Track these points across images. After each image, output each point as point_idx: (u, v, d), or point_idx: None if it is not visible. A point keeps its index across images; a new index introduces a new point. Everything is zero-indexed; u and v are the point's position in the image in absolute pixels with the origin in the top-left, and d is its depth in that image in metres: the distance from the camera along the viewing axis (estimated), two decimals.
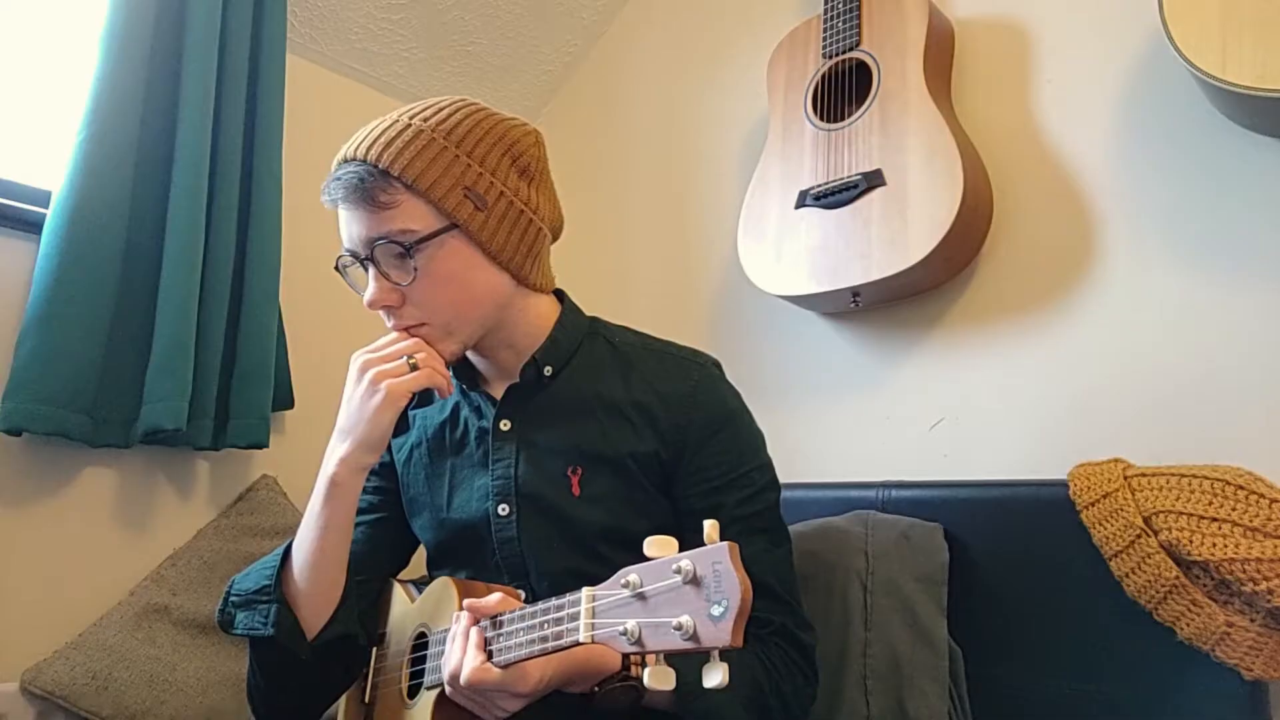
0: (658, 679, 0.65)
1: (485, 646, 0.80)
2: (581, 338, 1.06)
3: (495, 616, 0.81)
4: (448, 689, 0.83)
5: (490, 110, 1.00)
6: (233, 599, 0.99)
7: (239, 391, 1.51)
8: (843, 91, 1.52)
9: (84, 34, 1.43)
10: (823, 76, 1.54)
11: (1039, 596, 1.15)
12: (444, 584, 0.98)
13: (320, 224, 1.79)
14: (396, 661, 1.03)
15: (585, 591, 0.73)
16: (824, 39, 1.55)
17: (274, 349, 1.56)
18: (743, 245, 1.58)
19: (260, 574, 0.99)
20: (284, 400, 1.62)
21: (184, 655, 1.37)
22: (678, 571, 0.64)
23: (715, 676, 0.62)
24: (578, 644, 0.71)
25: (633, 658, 0.82)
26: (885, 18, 1.49)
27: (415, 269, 0.93)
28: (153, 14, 1.45)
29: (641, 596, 0.67)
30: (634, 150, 2.02)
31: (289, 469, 1.66)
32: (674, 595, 0.64)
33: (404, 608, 1.08)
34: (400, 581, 1.15)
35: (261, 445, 1.53)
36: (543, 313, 1.04)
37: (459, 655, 0.81)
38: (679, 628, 0.62)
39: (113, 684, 1.29)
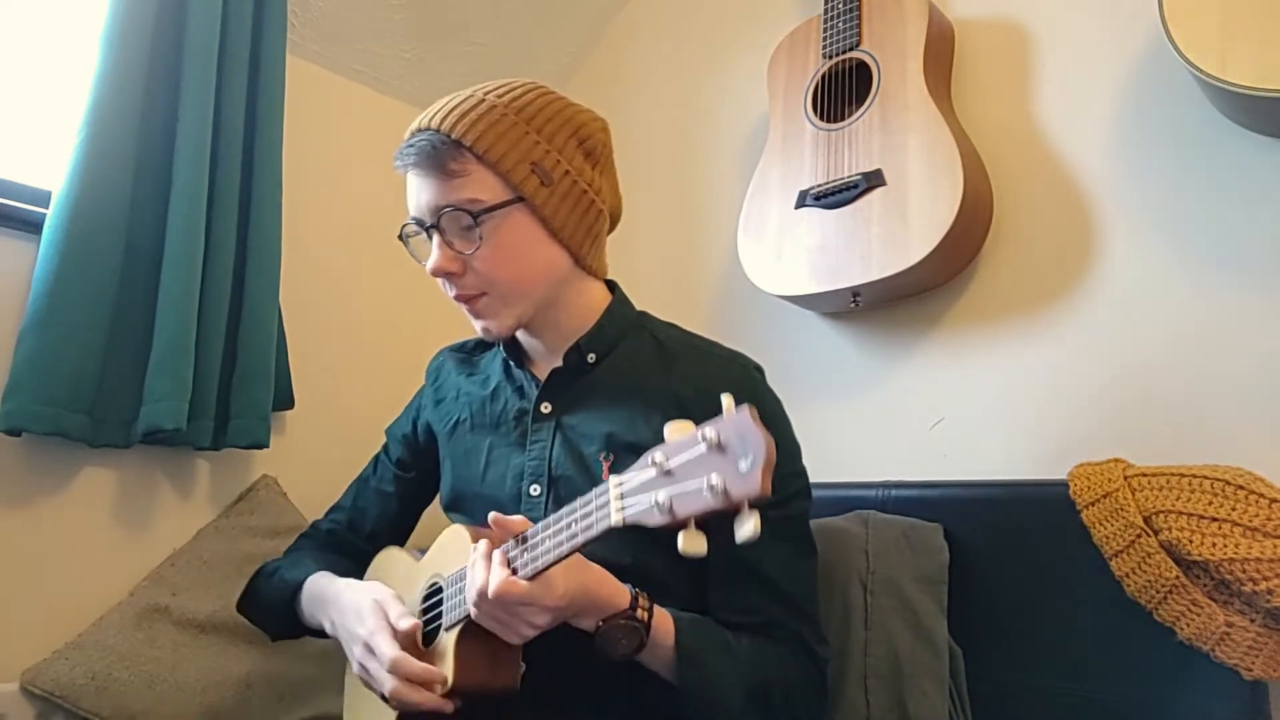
0: (690, 543, 0.67)
1: (509, 565, 0.82)
2: (628, 329, 1.09)
3: (519, 535, 0.84)
4: (473, 611, 0.84)
5: (562, 96, 1.04)
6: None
7: (239, 391, 1.51)
8: (843, 91, 1.52)
9: (84, 34, 1.43)
10: (823, 76, 1.54)
11: (1039, 596, 1.15)
12: (455, 531, 0.99)
13: (321, 224, 1.79)
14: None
15: (611, 479, 0.75)
16: (824, 39, 1.55)
17: (274, 349, 1.56)
18: (743, 245, 1.58)
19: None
20: (284, 400, 1.62)
21: (184, 656, 1.37)
22: (703, 439, 0.67)
23: (748, 527, 0.64)
24: (610, 529, 0.73)
25: (640, 604, 0.85)
26: (885, 18, 1.49)
27: (480, 238, 0.96)
28: (153, 14, 1.45)
29: (669, 473, 0.69)
30: (634, 150, 2.02)
31: (289, 469, 1.66)
32: (701, 463, 0.67)
33: (409, 568, 1.09)
34: (399, 549, 1.17)
35: (261, 445, 1.53)
36: (594, 298, 1.08)
37: (484, 573, 0.82)
38: (710, 486, 0.65)
39: (113, 684, 1.29)
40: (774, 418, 1.04)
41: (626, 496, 0.73)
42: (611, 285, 1.12)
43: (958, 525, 1.22)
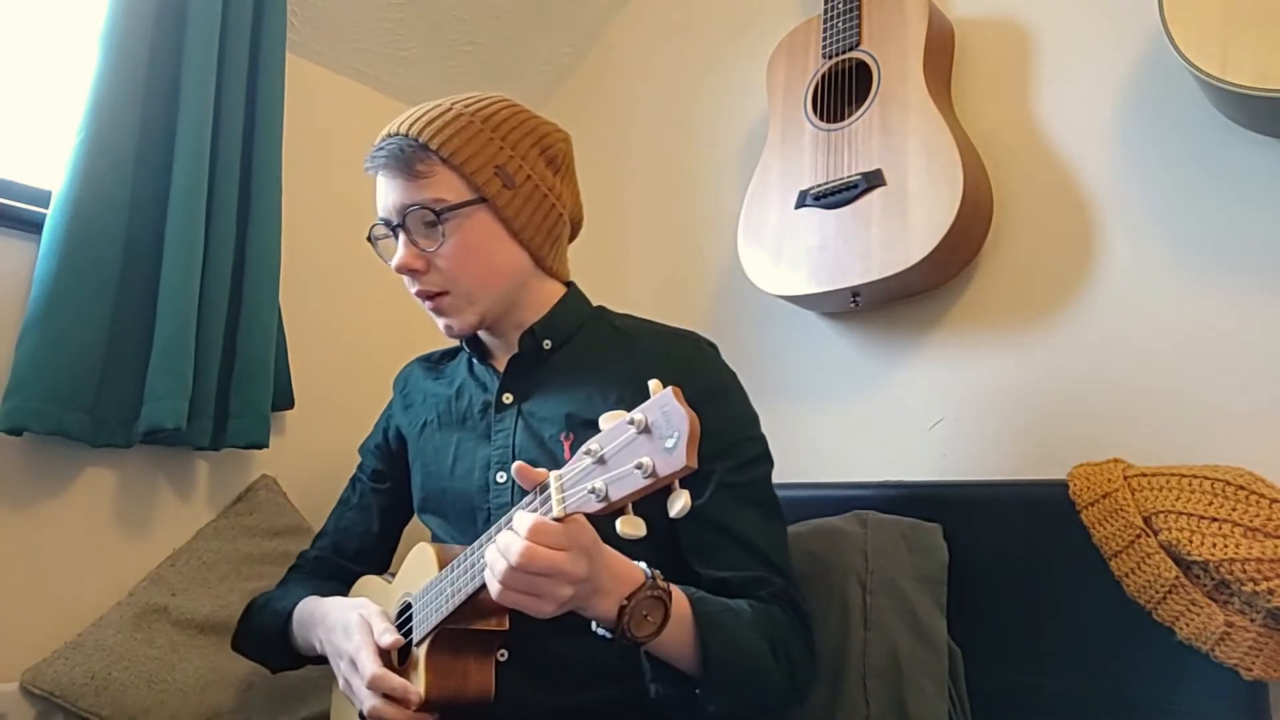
0: (629, 526, 0.70)
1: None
2: (584, 320, 1.12)
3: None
4: (497, 585, 0.77)
5: (528, 109, 1.09)
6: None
7: (239, 391, 1.51)
8: (843, 91, 1.52)
9: (84, 34, 1.43)
10: (823, 76, 1.54)
11: (1039, 596, 1.15)
12: (421, 550, 1.01)
13: (320, 224, 1.79)
14: None
15: (552, 474, 0.77)
16: (824, 39, 1.55)
17: (274, 349, 1.56)
18: (743, 246, 1.58)
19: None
20: (284, 400, 1.62)
21: (183, 655, 1.37)
22: (631, 423, 0.69)
23: (678, 503, 0.67)
24: (556, 521, 0.75)
25: (657, 575, 0.85)
26: (885, 17, 1.49)
27: (443, 236, 1.01)
28: (153, 14, 1.45)
29: (602, 460, 0.71)
30: (633, 150, 2.02)
31: (289, 469, 1.66)
32: (632, 447, 0.69)
33: (384, 592, 1.09)
34: (375, 576, 1.18)
35: (261, 445, 1.53)
36: (551, 296, 1.11)
37: (506, 534, 0.77)
38: (639, 467, 0.67)
39: (112, 684, 1.29)
40: (729, 388, 1.07)
41: (566, 489, 0.75)
42: (569, 285, 1.15)
43: (957, 525, 1.22)
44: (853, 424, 1.57)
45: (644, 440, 0.68)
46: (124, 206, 1.39)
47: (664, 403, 0.68)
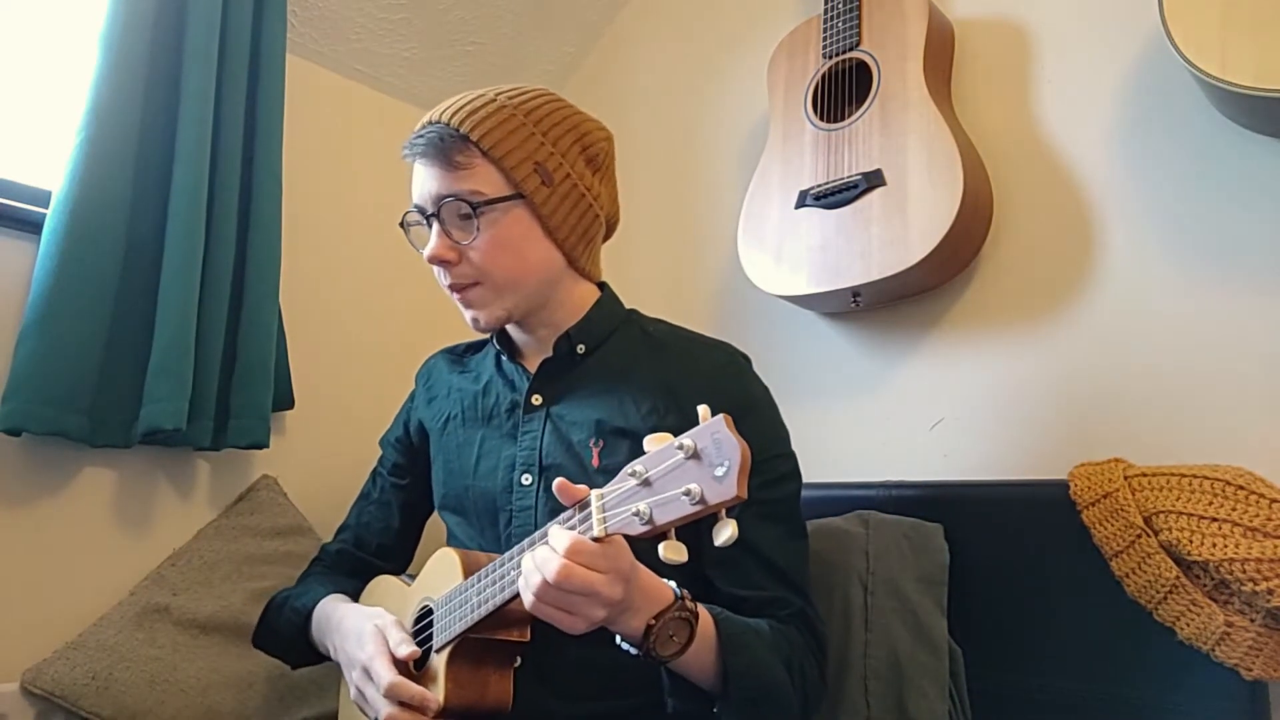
0: (671, 551, 0.69)
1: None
2: (618, 324, 1.11)
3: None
4: (530, 596, 0.77)
5: (571, 104, 1.08)
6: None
7: (239, 391, 1.51)
8: (843, 91, 1.52)
9: (84, 34, 1.43)
10: (823, 76, 1.54)
11: (1039, 596, 1.15)
12: (445, 554, 0.99)
13: (321, 224, 1.79)
14: None
15: (594, 493, 0.76)
16: (824, 39, 1.55)
17: (274, 349, 1.56)
18: (743, 246, 1.58)
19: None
20: (284, 400, 1.62)
21: (185, 655, 1.37)
22: (680, 449, 0.68)
23: (725, 532, 0.66)
24: (596, 540, 0.74)
25: (685, 595, 0.84)
26: (885, 18, 1.49)
27: (478, 229, 1.00)
28: (152, 14, 1.45)
29: (648, 483, 0.71)
30: (634, 151, 2.02)
31: (289, 469, 1.66)
32: (679, 472, 0.68)
33: (401, 594, 1.09)
34: (391, 576, 1.17)
35: (262, 445, 1.53)
36: (585, 297, 1.10)
37: (544, 550, 0.77)
38: (688, 493, 0.66)
39: (113, 684, 1.29)
40: (761, 404, 1.06)
41: (608, 509, 0.74)
42: (602, 286, 1.15)
43: (958, 525, 1.22)
44: (853, 424, 1.57)
45: (692, 466, 0.67)
46: (124, 207, 1.39)
47: (714, 429, 0.67)
